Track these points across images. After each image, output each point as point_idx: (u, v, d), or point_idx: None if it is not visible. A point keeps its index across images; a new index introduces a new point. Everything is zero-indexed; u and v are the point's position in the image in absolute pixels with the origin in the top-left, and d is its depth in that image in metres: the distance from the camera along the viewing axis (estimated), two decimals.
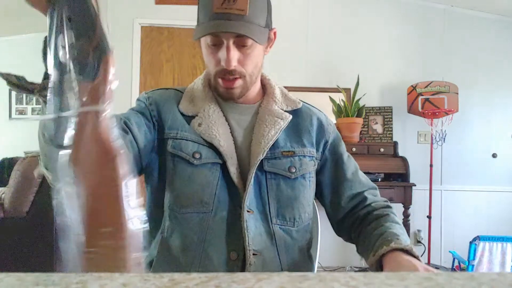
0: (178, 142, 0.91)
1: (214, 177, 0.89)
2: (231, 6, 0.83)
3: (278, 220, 0.92)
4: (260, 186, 0.92)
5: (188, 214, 0.89)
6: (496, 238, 2.51)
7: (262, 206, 0.91)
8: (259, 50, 0.91)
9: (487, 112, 3.72)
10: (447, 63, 3.71)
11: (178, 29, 3.62)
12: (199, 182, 0.89)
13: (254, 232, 0.89)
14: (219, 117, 0.94)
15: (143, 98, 0.98)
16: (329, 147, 1.02)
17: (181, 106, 0.96)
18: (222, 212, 0.89)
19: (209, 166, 0.90)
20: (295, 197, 0.94)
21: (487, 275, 0.38)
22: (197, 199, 0.89)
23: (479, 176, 3.68)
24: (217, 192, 0.89)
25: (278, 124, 0.94)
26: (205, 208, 0.88)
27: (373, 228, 0.91)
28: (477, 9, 3.71)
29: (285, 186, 0.93)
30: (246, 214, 0.88)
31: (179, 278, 0.35)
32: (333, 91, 3.53)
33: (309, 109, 1.04)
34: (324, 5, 3.72)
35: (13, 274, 0.36)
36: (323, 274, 0.37)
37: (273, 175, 0.93)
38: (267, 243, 0.90)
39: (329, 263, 3.43)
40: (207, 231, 0.88)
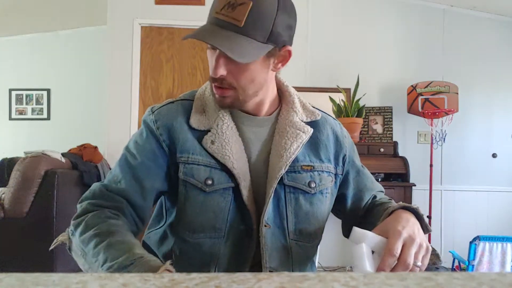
0: (189, 167, 0.87)
1: (226, 202, 0.87)
2: (229, 14, 0.79)
3: (295, 236, 0.91)
4: (279, 200, 0.90)
5: (201, 240, 0.88)
6: (496, 238, 2.51)
7: (280, 220, 0.89)
8: (256, 65, 0.84)
9: (487, 112, 3.72)
10: (447, 63, 3.71)
11: (178, 29, 3.62)
12: (211, 209, 0.87)
13: (271, 248, 0.88)
14: (233, 134, 0.89)
15: (150, 121, 0.91)
16: (348, 160, 1.00)
17: (192, 121, 0.90)
18: (234, 235, 0.88)
19: (221, 191, 0.87)
20: (313, 213, 0.92)
21: (487, 275, 0.38)
22: (210, 226, 0.87)
23: (479, 176, 3.68)
24: (229, 217, 0.88)
25: (300, 138, 0.91)
26: (217, 234, 0.88)
27: (377, 211, 0.94)
28: (477, 9, 3.71)
29: (304, 201, 0.91)
30: (264, 229, 0.87)
31: (179, 278, 0.35)
32: (333, 91, 3.53)
33: (325, 119, 1.00)
34: (324, 5, 3.72)
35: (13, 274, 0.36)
36: (323, 274, 0.37)
37: (293, 189, 0.91)
38: (282, 259, 0.90)
39: (329, 263, 3.42)
40: (220, 255, 0.88)
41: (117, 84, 3.54)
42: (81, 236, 0.78)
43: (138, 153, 0.88)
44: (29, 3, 3.97)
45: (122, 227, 0.78)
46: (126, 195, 0.85)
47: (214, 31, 0.80)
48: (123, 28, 3.56)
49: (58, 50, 4.63)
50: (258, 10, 0.79)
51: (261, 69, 0.85)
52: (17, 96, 4.65)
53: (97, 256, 0.71)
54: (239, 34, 0.79)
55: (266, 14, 0.80)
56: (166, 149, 0.89)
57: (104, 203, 0.83)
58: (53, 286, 0.33)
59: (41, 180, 2.71)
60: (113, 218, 0.80)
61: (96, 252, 0.72)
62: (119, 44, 3.56)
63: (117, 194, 0.85)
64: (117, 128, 3.48)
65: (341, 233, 1.10)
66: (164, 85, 3.64)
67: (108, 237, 0.73)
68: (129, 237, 0.75)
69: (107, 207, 0.83)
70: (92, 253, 0.73)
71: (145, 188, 0.87)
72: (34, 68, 4.64)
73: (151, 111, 0.93)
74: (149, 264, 0.66)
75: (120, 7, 3.57)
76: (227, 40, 0.79)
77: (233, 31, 0.79)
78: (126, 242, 0.72)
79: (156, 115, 0.91)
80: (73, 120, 4.56)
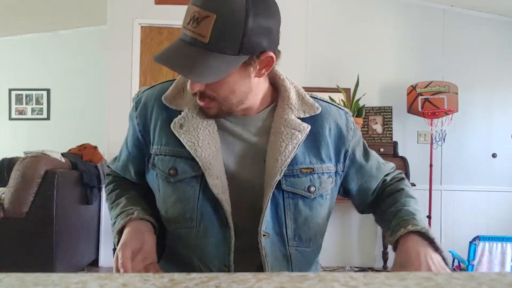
0: (157, 158, 0.89)
1: (194, 191, 0.85)
2: (194, 29, 0.75)
3: (295, 242, 0.88)
4: (277, 205, 0.86)
5: (177, 230, 0.88)
6: (496, 238, 2.51)
7: (278, 227, 0.86)
8: (234, 77, 0.80)
9: (487, 112, 3.72)
10: (447, 63, 3.71)
11: (178, 29, 3.59)
12: (178, 199, 0.86)
13: (271, 257, 0.85)
14: (204, 119, 0.86)
15: (132, 108, 0.95)
16: (350, 155, 0.95)
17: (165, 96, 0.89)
18: (207, 225, 0.85)
19: (188, 180, 0.85)
20: (312, 217, 0.89)
21: (487, 275, 0.38)
22: (181, 216, 0.86)
23: (479, 176, 3.68)
24: (199, 206, 0.85)
25: (295, 138, 0.86)
26: (190, 224, 0.86)
27: (389, 205, 0.92)
28: (477, 9, 3.70)
29: (304, 206, 0.87)
30: (262, 239, 0.84)
31: (179, 278, 0.35)
32: (333, 91, 3.53)
33: (328, 112, 0.94)
34: (324, 5, 3.72)
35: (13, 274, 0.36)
36: (323, 274, 0.37)
37: (292, 194, 0.87)
38: (282, 267, 0.88)
39: (329, 263, 3.42)
40: (196, 245, 0.86)
41: (117, 84, 3.53)
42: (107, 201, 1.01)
43: (127, 140, 0.98)
44: (29, 3, 3.97)
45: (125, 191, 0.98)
46: (123, 175, 1.02)
47: (179, 50, 0.77)
48: (123, 28, 3.56)
49: (58, 50, 4.63)
50: (223, 22, 0.73)
51: (240, 79, 0.81)
52: (17, 96, 4.65)
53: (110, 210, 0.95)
54: (206, 50, 0.75)
55: (233, 24, 0.74)
56: (141, 139, 0.92)
57: (116, 178, 1.05)
58: (53, 286, 0.33)
59: (41, 180, 2.71)
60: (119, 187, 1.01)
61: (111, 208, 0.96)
62: (119, 44, 3.56)
63: (119, 173, 1.03)
64: (117, 128, 3.48)
65: (341, 233, 1.11)
66: None
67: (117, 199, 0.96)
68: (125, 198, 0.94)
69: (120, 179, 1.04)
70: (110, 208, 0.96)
71: (132, 172, 0.99)
72: (34, 68, 4.64)
73: (135, 96, 0.96)
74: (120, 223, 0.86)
75: (120, 7, 3.56)
76: (190, 60, 0.75)
77: (200, 47, 0.75)
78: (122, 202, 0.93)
79: (136, 102, 0.94)
80: (73, 120, 4.55)
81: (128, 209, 0.89)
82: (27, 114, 4.65)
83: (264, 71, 0.83)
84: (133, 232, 0.84)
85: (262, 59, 0.81)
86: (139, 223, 0.86)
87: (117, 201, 0.94)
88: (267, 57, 0.81)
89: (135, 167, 0.98)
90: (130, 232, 0.84)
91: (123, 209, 0.89)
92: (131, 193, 0.96)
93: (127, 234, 0.83)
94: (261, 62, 0.81)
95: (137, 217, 0.86)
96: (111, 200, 0.97)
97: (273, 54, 0.82)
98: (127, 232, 0.84)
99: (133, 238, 0.82)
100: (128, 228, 0.84)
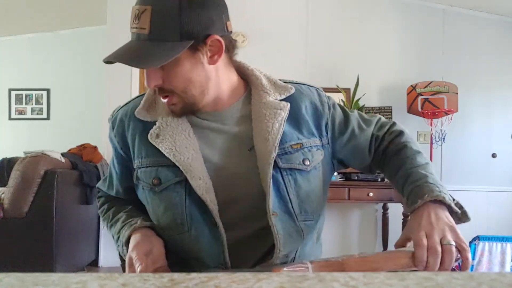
0: (140, 171, 0.91)
1: (180, 196, 0.86)
2: (137, 25, 0.81)
3: (302, 216, 0.89)
4: (279, 185, 0.87)
5: (171, 237, 0.89)
6: (496, 238, 2.51)
7: (284, 205, 0.87)
8: (186, 64, 0.82)
9: (487, 112, 3.72)
10: (447, 63, 3.71)
11: None
12: (166, 206, 0.87)
13: (283, 235, 0.86)
14: (178, 125, 0.88)
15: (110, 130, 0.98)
16: (330, 127, 0.96)
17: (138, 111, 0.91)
18: (198, 228, 0.86)
19: (172, 187, 0.87)
20: (313, 189, 0.91)
21: (487, 275, 0.38)
22: (173, 223, 0.87)
23: (479, 176, 3.68)
24: (187, 210, 0.86)
25: (279, 115, 0.88)
26: (181, 229, 0.87)
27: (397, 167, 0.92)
28: (477, 9, 3.70)
29: (302, 180, 0.89)
30: (272, 217, 0.84)
31: (179, 278, 0.35)
32: (333, 91, 3.52)
33: (300, 91, 0.96)
34: (324, 5, 3.72)
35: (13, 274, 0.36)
36: (323, 274, 0.37)
37: (289, 170, 0.88)
38: (297, 242, 0.89)
39: None
40: (194, 249, 0.88)
41: (116, 84, 3.53)
42: (103, 223, 1.03)
43: (113, 162, 1.00)
44: (29, 3, 3.97)
45: (120, 208, 1.00)
46: (115, 195, 1.04)
47: (125, 47, 0.83)
48: (123, 28, 3.55)
49: (58, 50, 4.63)
50: (158, 12, 0.79)
51: (192, 67, 0.83)
52: (17, 96, 4.65)
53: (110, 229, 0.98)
54: (148, 40, 0.80)
55: (168, 13, 0.79)
56: (124, 156, 0.95)
57: (108, 198, 1.07)
58: (53, 286, 0.33)
59: (41, 180, 2.71)
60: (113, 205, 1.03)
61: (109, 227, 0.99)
62: (119, 44, 3.52)
63: (109, 193, 1.05)
64: None
65: (341, 233, 1.11)
66: None
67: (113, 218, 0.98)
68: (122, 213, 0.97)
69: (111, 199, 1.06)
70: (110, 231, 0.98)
71: (123, 191, 1.01)
72: (34, 68, 4.64)
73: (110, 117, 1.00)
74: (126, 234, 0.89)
75: (120, 7, 3.56)
76: (134, 52, 0.81)
77: (143, 40, 0.81)
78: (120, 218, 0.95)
79: (112, 122, 0.98)
80: (72, 120, 4.55)
81: (129, 221, 0.91)
82: (27, 114, 4.65)
83: (217, 57, 0.85)
84: (140, 237, 0.86)
85: (210, 45, 0.83)
86: (144, 230, 0.89)
87: (116, 217, 0.96)
88: (214, 40, 0.83)
89: (125, 185, 0.99)
90: (137, 238, 0.86)
91: (125, 222, 0.92)
92: (127, 208, 0.98)
93: (135, 240, 0.85)
94: (210, 48, 0.84)
95: (140, 225, 0.89)
96: (109, 219, 0.98)
97: (220, 38, 0.83)
98: (134, 239, 0.86)
99: (142, 242, 0.85)
100: (134, 236, 0.87)
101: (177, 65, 0.82)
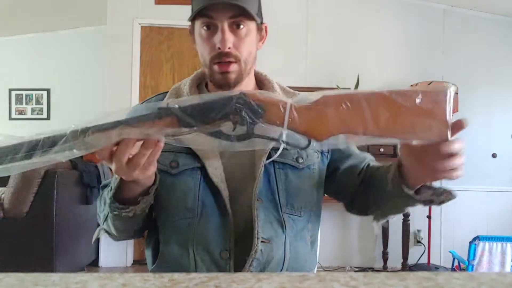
0: None
1: (195, 181, 0.90)
2: None
3: (287, 209, 0.92)
4: (269, 176, 0.92)
5: (177, 222, 0.90)
6: (496, 238, 2.51)
7: (271, 195, 0.91)
8: (253, 36, 0.92)
9: (487, 112, 3.72)
10: (447, 63, 3.71)
11: (178, 29, 3.61)
12: (180, 189, 0.90)
13: (264, 220, 0.89)
14: None
15: None
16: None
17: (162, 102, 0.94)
18: (208, 214, 0.89)
19: (188, 172, 0.90)
20: (303, 187, 0.94)
21: (487, 275, 0.38)
22: (182, 206, 0.89)
23: (479, 176, 3.68)
24: (200, 196, 0.89)
25: None
26: (191, 214, 0.89)
27: (380, 173, 0.90)
28: (477, 9, 3.70)
29: (293, 176, 0.93)
30: (256, 203, 0.88)
31: (179, 278, 0.35)
32: None
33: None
34: (324, 5, 3.72)
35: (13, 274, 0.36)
36: (323, 274, 0.37)
37: (281, 165, 0.93)
38: (277, 231, 0.91)
39: (329, 263, 3.42)
40: (198, 235, 0.88)
41: (117, 84, 3.54)
42: (98, 209, 0.94)
43: None
44: (29, 3, 3.97)
45: None
46: None
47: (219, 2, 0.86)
48: (123, 28, 3.56)
49: (58, 50, 4.62)
50: None
51: (255, 42, 0.93)
52: (17, 96, 4.65)
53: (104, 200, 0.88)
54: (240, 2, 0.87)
55: None
56: None
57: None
58: (53, 286, 0.33)
59: (41, 180, 2.71)
60: None
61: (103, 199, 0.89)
62: (119, 44, 3.56)
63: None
64: None
65: (341, 233, 1.11)
66: (164, 85, 3.63)
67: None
68: None
69: None
70: (103, 203, 0.88)
71: None
72: (34, 68, 4.63)
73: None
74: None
75: (120, 7, 3.56)
76: (237, 3, 0.86)
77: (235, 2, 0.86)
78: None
79: None
80: (73, 120, 4.48)
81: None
82: (27, 114, 4.65)
83: (261, 44, 0.97)
84: None
85: (263, 29, 0.96)
86: None
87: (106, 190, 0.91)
88: (265, 27, 0.96)
89: None
90: None
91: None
92: None
93: None
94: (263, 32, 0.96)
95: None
96: (100, 196, 0.93)
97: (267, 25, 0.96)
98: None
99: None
100: None
101: (248, 35, 0.90)
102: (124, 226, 0.89)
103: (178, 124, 0.64)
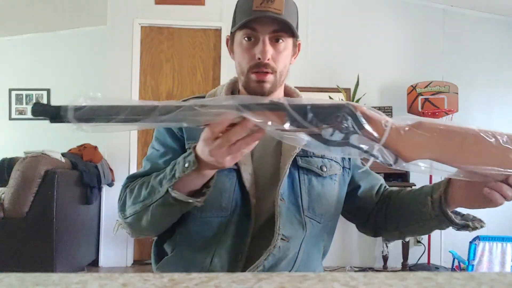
0: None
1: (232, 183, 0.93)
2: (269, 6, 0.88)
3: (309, 213, 0.95)
4: (293, 180, 0.95)
5: (208, 219, 0.93)
6: (496, 238, 2.51)
7: (294, 198, 0.94)
8: (289, 51, 0.96)
9: (487, 112, 3.72)
10: (447, 63, 3.71)
11: (178, 29, 3.61)
12: (217, 188, 0.91)
13: (285, 218, 0.91)
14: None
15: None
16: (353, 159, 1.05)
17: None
18: (237, 215, 0.93)
19: (226, 172, 0.92)
20: (324, 194, 0.97)
21: (487, 275, 0.38)
22: (216, 205, 0.92)
23: None
24: (234, 197, 0.93)
25: None
26: (223, 213, 0.92)
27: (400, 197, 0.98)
28: (477, 9, 3.70)
29: (317, 183, 0.97)
30: (280, 202, 0.91)
31: (179, 278, 0.35)
32: (333, 91, 3.53)
33: None
34: (324, 5, 3.72)
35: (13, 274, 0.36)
36: (323, 274, 0.37)
37: (306, 171, 0.96)
38: (298, 231, 0.93)
39: (329, 263, 3.42)
40: (224, 234, 0.92)
41: (117, 84, 3.53)
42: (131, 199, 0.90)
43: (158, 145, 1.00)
44: (29, 3, 3.97)
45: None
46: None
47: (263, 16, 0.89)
48: (123, 28, 3.56)
49: (58, 50, 4.62)
50: (289, 2, 0.92)
51: (290, 56, 0.97)
52: (17, 96, 4.65)
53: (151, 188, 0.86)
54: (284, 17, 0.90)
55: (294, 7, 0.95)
56: (179, 135, 0.98)
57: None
58: (53, 286, 0.33)
59: (41, 180, 2.71)
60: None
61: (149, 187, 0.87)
62: (119, 44, 3.56)
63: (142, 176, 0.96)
64: None
65: (341, 233, 1.12)
66: (164, 85, 3.64)
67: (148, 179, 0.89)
68: None
69: None
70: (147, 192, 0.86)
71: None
72: (34, 68, 4.63)
73: None
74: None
75: (120, 7, 3.56)
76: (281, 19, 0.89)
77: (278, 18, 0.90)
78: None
79: None
80: None
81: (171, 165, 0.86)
82: (27, 114, 4.65)
83: (293, 59, 1.00)
84: None
85: (297, 46, 0.99)
86: None
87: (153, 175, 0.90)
88: (299, 44, 1.00)
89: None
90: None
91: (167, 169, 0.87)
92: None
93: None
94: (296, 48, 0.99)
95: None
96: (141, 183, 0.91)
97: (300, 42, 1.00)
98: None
99: None
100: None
101: (286, 48, 0.94)
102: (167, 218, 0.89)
103: (286, 119, 0.67)
